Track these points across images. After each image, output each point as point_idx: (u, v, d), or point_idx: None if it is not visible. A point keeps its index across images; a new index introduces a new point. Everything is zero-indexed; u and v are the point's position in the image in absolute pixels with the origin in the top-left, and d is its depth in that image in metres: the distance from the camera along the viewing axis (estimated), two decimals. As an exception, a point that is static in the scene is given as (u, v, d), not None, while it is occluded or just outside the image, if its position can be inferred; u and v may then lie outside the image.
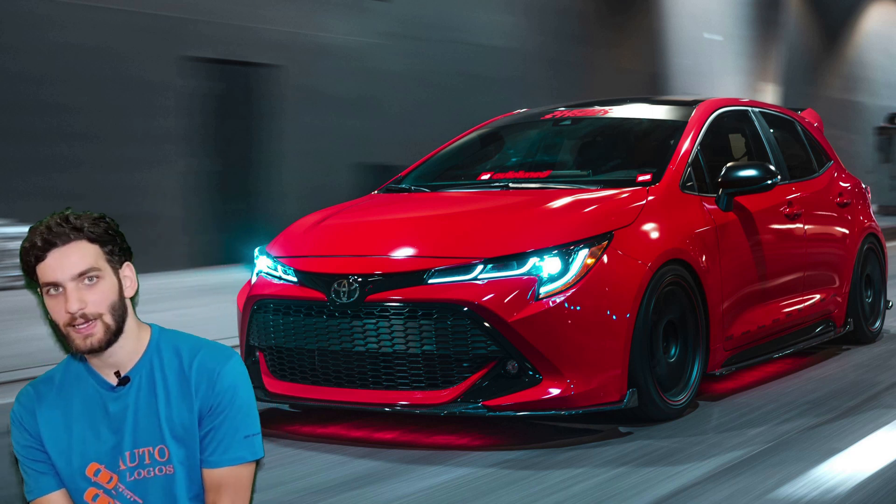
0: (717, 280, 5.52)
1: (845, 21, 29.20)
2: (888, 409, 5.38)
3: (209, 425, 2.48)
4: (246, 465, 2.51)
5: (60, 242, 2.39)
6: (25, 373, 6.48)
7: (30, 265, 2.42)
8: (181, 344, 2.53)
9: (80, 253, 2.40)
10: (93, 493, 2.48)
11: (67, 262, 2.38)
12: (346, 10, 15.46)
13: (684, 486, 4.13)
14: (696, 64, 18.99)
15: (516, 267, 4.82)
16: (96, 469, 2.47)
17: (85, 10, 12.27)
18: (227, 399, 2.49)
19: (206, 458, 2.49)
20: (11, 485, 4.29)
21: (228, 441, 2.48)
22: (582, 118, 6.59)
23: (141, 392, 2.48)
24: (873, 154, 24.83)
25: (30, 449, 2.50)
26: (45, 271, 2.39)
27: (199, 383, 2.48)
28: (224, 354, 2.53)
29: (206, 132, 13.55)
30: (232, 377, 2.50)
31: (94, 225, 2.44)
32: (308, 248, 5.35)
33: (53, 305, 2.41)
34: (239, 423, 2.49)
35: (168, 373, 2.49)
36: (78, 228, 2.42)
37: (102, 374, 2.49)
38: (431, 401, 4.76)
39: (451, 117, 15.03)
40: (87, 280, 2.40)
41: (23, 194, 11.53)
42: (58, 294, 2.40)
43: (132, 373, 2.49)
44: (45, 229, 2.40)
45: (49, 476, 2.50)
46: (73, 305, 2.38)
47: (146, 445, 2.47)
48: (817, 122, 7.87)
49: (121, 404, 2.48)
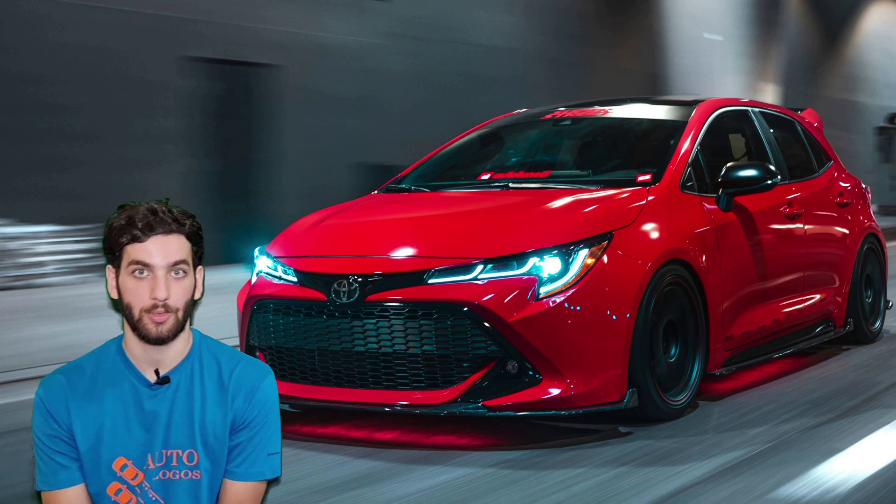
0: (717, 280, 5.52)
1: (845, 21, 29.19)
2: (888, 409, 5.38)
3: (240, 438, 2.50)
4: (264, 482, 2.53)
5: (163, 230, 2.42)
6: (25, 373, 6.49)
7: (121, 242, 2.42)
8: (221, 353, 2.55)
9: (178, 243, 2.44)
10: (116, 488, 2.46)
11: (167, 249, 2.41)
12: (346, 10, 15.46)
13: (684, 486, 4.13)
14: (696, 64, 18.99)
15: (516, 267, 4.82)
16: (123, 464, 2.46)
17: (85, 10, 12.27)
18: (261, 414, 2.51)
19: (231, 469, 2.50)
20: (11, 485, 4.30)
21: (255, 456, 2.50)
22: (582, 118, 6.59)
23: (179, 394, 2.48)
24: (873, 154, 24.84)
25: (55, 439, 2.47)
26: (139, 252, 2.41)
27: (237, 394, 2.49)
28: (263, 370, 2.55)
29: (206, 132, 13.54)
30: (268, 393, 2.53)
31: (193, 223, 2.48)
32: (308, 248, 5.35)
33: (136, 287, 2.41)
34: (267, 440, 2.52)
35: (207, 379, 2.50)
36: (181, 222, 2.45)
37: (142, 371, 2.48)
38: (431, 401, 4.77)
39: (451, 117, 15.03)
40: (175, 273, 2.43)
41: (23, 194, 11.53)
42: (143, 277, 2.41)
43: (172, 374, 2.49)
44: (148, 212, 2.43)
45: (70, 470, 2.46)
46: (162, 293, 2.40)
47: (177, 448, 2.47)
48: (817, 122, 7.87)
49: (157, 403, 2.47)
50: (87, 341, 7.64)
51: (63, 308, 9.33)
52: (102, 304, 9.50)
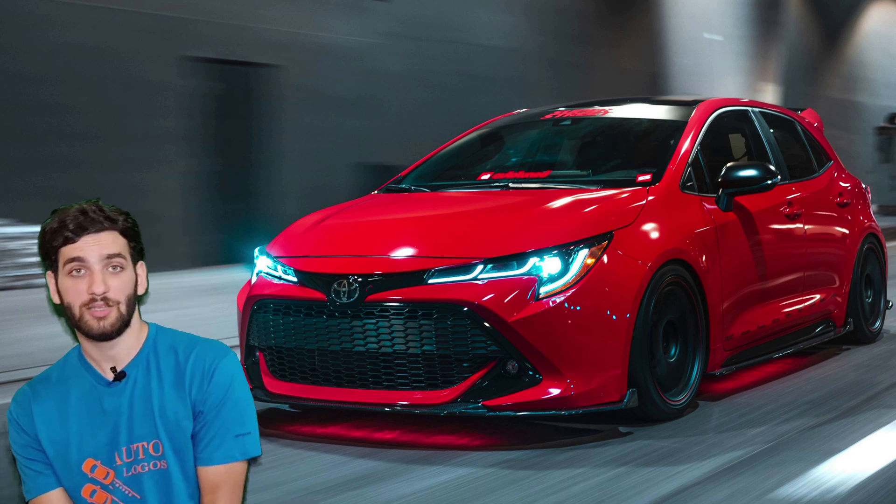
0: (717, 280, 5.52)
1: (845, 21, 29.19)
2: (888, 409, 5.38)
3: (202, 421, 2.50)
4: (239, 464, 2.51)
5: (94, 229, 2.44)
6: (25, 373, 6.48)
7: (54, 245, 2.44)
8: (178, 341, 2.55)
9: (111, 239, 2.45)
10: (90, 490, 2.49)
11: (99, 245, 2.43)
12: (346, 10, 15.46)
13: (684, 486, 4.13)
14: (696, 64, 18.99)
15: (516, 267, 4.82)
16: (93, 465, 2.49)
17: (85, 10, 12.27)
18: (221, 395, 2.50)
19: (199, 454, 2.50)
20: (11, 485, 4.29)
21: (221, 439, 2.49)
22: (582, 118, 6.59)
23: (136, 387, 2.49)
24: (873, 154, 24.83)
25: (27, 448, 2.51)
26: (73, 250, 2.42)
27: (194, 378, 2.50)
28: (220, 351, 2.54)
29: (206, 132, 13.54)
30: (227, 374, 2.52)
31: (126, 220, 2.50)
32: (308, 248, 5.35)
33: (73, 286, 2.43)
34: (232, 422, 2.50)
35: (164, 368, 2.51)
36: (112, 220, 2.47)
37: (99, 370, 2.51)
38: (431, 401, 4.76)
39: (451, 117, 15.03)
40: (112, 268, 2.44)
41: (23, 194, 11.53)
42: (80, 276, 2.42)
43: (128, 368, 2.50)
44: (78, 213, 2.44)
45: (47, 475, 2.51)
46: (99, 287, 2.42)
47: (141, 440, 2.48)
48: (817, 122, 7.87)
49: (116, 400, 2.49)
50: (87, 341, 7.53)
51: (63, 308, 9.31)
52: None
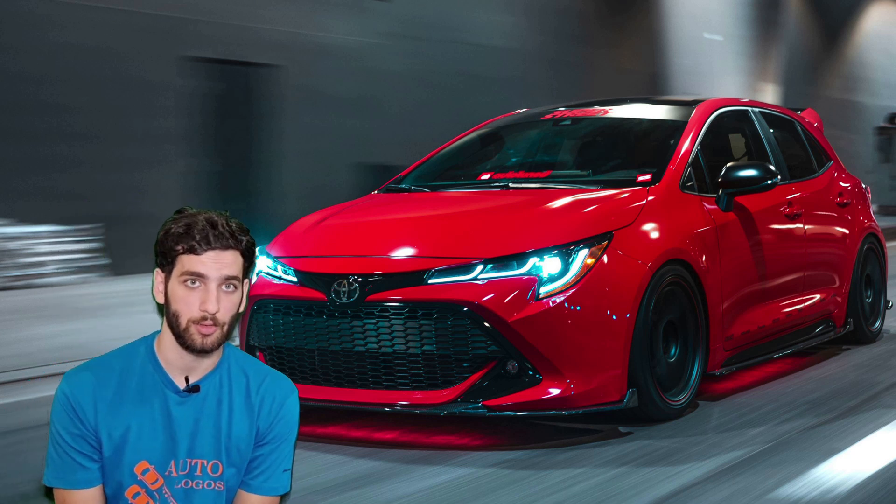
0: (717, 280, 5.52)
1: (845, 21, 29.19)
2: (888, 409, 5.38)
3: (260, 451, 2.49)
4: (277, 497, 2.53)
5: (220, 246, 2.41)
6: (25, 373, 6.49)
7: (176, 249, 2.40)
8: (249, 366, 2.54)
9: (233, 259, 2.42)
10: (134, 491, 2.43)
11: (223, 264, 2.40)
12: (346, 10, 15.46)
13: (684, 486, 4.13)
14: (696, 64, 18.99)
15: (516, 267, 4.82)
16: (145, 468, 2.43)
17: (85, 10, 12.27)
18: (284, 430, 2.51)
19: (248, 481, 2.49)
20: (12, 485, 4.29)
21: (272, 470, 2.50)
22: (582, 118, 6.59)
23: (207, 403, 2.46)
24: (873, 154, 24.84)
25: (78, 438, 2.41)
26: (195, 263, 2.39)
27: (263, 406, 2.49)
28: (289, 386, 2.55)
29: (206, 132, 13.54)
30: (293, 410, 2.53)
31: (249, 240, 2.47)
32: (308, 248, 5.35)
33: (186, 296, 2.39)
34: (285, 456, 2.52)
35: (235, 391, 2.49)
36: (238, 239, 2.44)
37: (171, 376, 2.46)
38: (431, 401, 4.77)
39: (451, 117, 15.03)
40: (226, 287, 2.42)
41: (23, 194, 11.53)
42: (195, 288, 2.39)
43: (202, 382, 2.47)
44: (209, 226, 2.41)
45: (90, 471, 2.42)
46: (213, 306, 2.39)
47: (201, 457, 2.45)
48: (817, 122, 7.87)
49: (185, 410, 2.45)
50: (86, 341, 7.65)
51: (63, 308, 9.32)
52: (102, 304, 9.50)
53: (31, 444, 4.90)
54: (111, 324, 8.32)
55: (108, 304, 9.46)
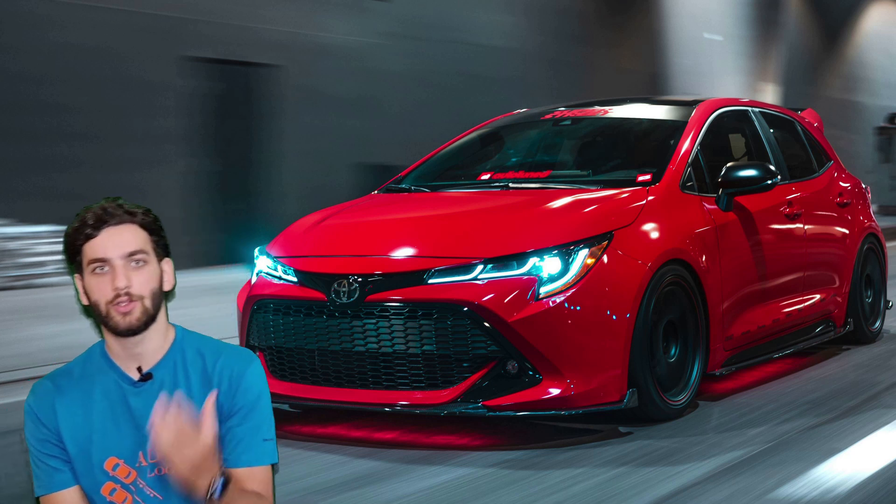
0: (717, 280, 5.52)
1: (845, 21, 29.20)
2: (888, 409, 5.38)
3: (231, 425, 2.49)
4: (265, 468, 2.52)
5: (114, 222, 2.43)
6: (25, 373, 6.49)
7: (77, 244, 2.44)
8: (204, 346, 2.55)
9: (132, 234, 2.45)
10: (110, 488, 2.47)
11: (120, 241, 2.43)
12: (346, 10, 15.46)
13: (684, 486, 4.13)
14: (696, 64, 18.99)
15: (516, 267, 4.82)
16: (115, 463, 2.47)
17: (85, 10, 12.27)
18: (249, 401, 2.50)
19: (227, 456, 2.49)
20: (11, 485, 4.29)
21: (247, 442, 2.49)
22: (582, 118, 6.59)
23: (163, 389, 2.48)
24: (873, 154, 24.84)
25: (45, 443, 2.49)
26: (95, 248, 2.42)
27: (221, 383, 2.49)
28: (247, 357, 2.55)
29: (206, 132, 13.55)
30: (254, 380, 2.52)
31: (146, 214, 2.49)
32: (308, 248, 5.35)
33: (97, 283, 2.43)
34: (258, 426, 2.51)
35: (191, 372, 2.50)
36: (131, 213, 2.46)
37: (124, 369, 2.49)
38: (431, 401, 4.76)
39: (451, 117, 15.03)
40: (134, 263, 2.44)
41: (23, 194, 11.54)
42: (103, 273, 2.42)
43: (155, 370, 2.49)
44: (98, 210, 2.44)
45: (63, 472, 2.48)
46: (121, 282, 2.41)
47: None
48: (817, 122, 7.87)
49: (142, 400, 2.47)
50: (86, 341, 7.60)
51: (63, 308, 9.31)
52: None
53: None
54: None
55: (108, 304, 9.45)
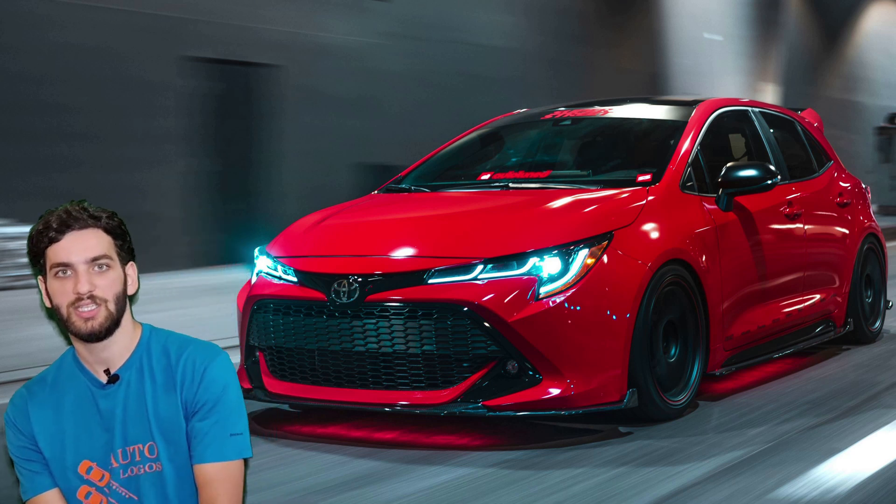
0: (717, 280, 5.52)
1: (845, 21, 29.19)
2: (888, 409, 5.38)
3: (196, 421, 2.50)
4: (235, 463, 2.51)
5: (78, 226, 2.44)
6: (25, 373, 6.48)
7: (41, 247, 2.45)
8: (170, 342, 2.56)
9: (95, 239, 2.45)
10: (85, 491, 2.50)
11: (83, 245, 2.43)
12: (346, 10, 15.46)
13: (684, 486, 4.13)
14: (696, 64, 18.99)
15: (516, 267, 4.82)
16: (88, 467, 2.50)
17: (85, 10, 12.27)
18: (213, 395, 2.50)
19: (193, 451, 2.50)
20: (12, 485, 4.30)
21: (214, 436, 2.49)
22: (582, 118, 6.59)
23: (130, 389, 2.50)
24: (873, 154, 24.83)
25: (23, 449, 2.53)
26: (59, 252, 2.43)
27: (185, 378, 2.50)
28: (211, 352, 2.55)
29: (206, 132, 13.54)
30: (219, 374, 2.52)
31: (110, 218, 2.50)
32: (308, 248, 5.35)
33: (60, 287, 2.44)
34: (225, 421, 2.51)
35: (156, 369, 2.52)
36: (95, 217, 2.47)
37: (93, 372, 2.51)
38: (431, 401, 4.76)
39: (451, 117, 15.03)
40: (98, 267, 2.44)
41: (23, 194, 11.53)
42: (66, 277, 2.43)
43: (122, 370, 2.51)
44: (63, 213, 2.45)
45: (43, 475, 2.52)
46: (84, 287, 2.42)
47: (136, 443, 2.49)
48: (817, 122, 7.87)
49: (111, 402, 2.50)
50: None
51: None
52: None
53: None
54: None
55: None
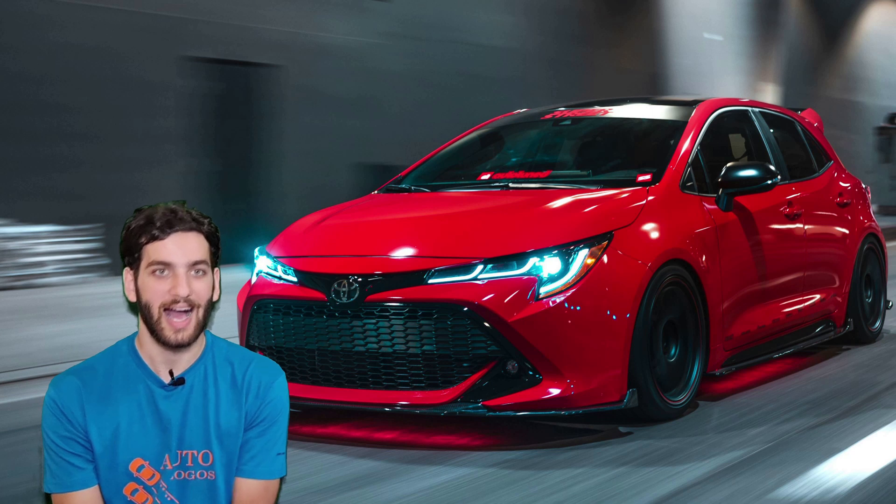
0: (717, 280, 5.52)
1: (845, 21, 29.19)
2: (888, 409, 5.38)
3: (250, 436, 2.50)
4: (275, 482, 2.53)
5: (183, 228, 2.42)
6: (25, 373, 6.49)
7: (140, 242, 2.42)
8: (233, 354, 2.55)
9: (197, 242, 2.44)
10: (132, 488, 2.46)
11: (187, 248, 2.41)
12: (346, 10, 15.46)
13: (684, 486, 4.13)
14: (696, 64, 18.99)
15: (516, 267, 4.82)
16: (140, 465, 2.45)
17: (85, 10, 12.27)
18: (272, 413, 2.52)
19: (241, 467, 2.50)
20: (12, 485, 4.29)
21: (264, 455, 2.51)
22: (582, 118, 6.59)
23: (193, 394, 2.48)
24: (873, 154, 24.84)
25: (70, 441, 2.43)
26: (160, 251, 2.40)
27: (250, 391, 2.50)
28: (275, 369, 2.56)
29: (206, 132, 13.54)
30: (281, 393, 2.54)
31: (210, 224, 2.48)
32: (308, 248, 5.35)
33: (156, 285, 2.41)
34: (277, 440, 2.53)
35: (220, 380, 2.50)
36: (199, 221, 2.45)
37: (156, 371, 2.48)
38: (431, 401, 4.76)
39: (451, 117, 15.03)
40: (195, 272, 2.43)
41: (23, 194, 11.53)
42: (164, 277, 2.41)
43: (186, 374, 2.49)
44: (167, 212, 2.43)
45: (85, 471, 2.44)
46: (183, 290, 2.40)
47: (192, 448, 2.47)
48: (817, 122, 7.87)
49: (172, 404, 2.47)
50: (87, 341, 7.64)
51: (63, 308, 9.33)
52: (102, 304, 9.48)
53: (30, 445, 4.89)
54: (111, 324, 8.31)
55: (108, 304, 9.45)
